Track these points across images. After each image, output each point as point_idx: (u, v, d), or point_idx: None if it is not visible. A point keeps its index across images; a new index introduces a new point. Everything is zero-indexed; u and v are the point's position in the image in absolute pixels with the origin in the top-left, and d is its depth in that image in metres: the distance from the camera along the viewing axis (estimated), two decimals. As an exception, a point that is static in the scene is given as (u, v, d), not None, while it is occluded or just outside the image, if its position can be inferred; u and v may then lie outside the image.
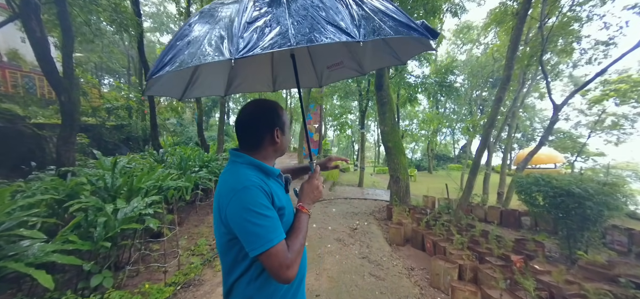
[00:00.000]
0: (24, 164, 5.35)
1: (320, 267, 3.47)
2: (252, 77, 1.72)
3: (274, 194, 0.90)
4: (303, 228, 0.94)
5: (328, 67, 1.67)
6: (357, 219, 5.62)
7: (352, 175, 17.71)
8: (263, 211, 0.83)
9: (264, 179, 0.92)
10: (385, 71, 6.30)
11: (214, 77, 1.56)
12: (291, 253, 0.84)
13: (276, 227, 0.84)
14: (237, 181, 0.87)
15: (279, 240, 0.82)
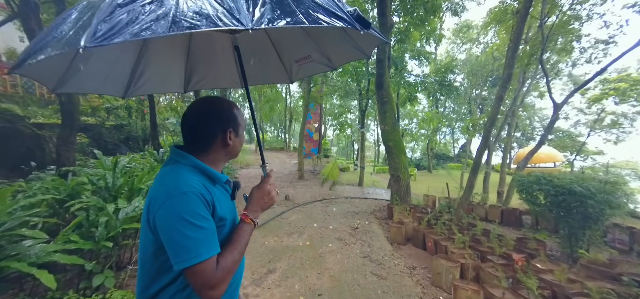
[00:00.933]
0: (23, 164, 5.34)
1: (322, 266, 3.47)
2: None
3: (216, 203, 0.83)
4: (242, 240, 0.85)
5: (296, 61, 1.61)
6: (358, 218, 5.62)
7: (352, 174, 17.71)
8: (198, 221, 0.75)
9: (208, 185, 0.84)
10: (386, 70, 6.30)
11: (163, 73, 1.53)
12: (220, 270, 0.75)
13: (208, 241, 0.75)
14: (175, 184, 0.77)
15: (209, 256, 0.74)
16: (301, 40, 1.48)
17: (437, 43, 13.31)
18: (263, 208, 0.97)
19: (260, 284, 3.02)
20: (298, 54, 1.58)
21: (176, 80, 1.58)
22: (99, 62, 1.21)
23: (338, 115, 16.41)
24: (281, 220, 5.30)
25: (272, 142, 28.26)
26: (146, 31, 0.61)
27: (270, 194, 0.99)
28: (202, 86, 1.72)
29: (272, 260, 3.60)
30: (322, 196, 7.72)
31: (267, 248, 3.98)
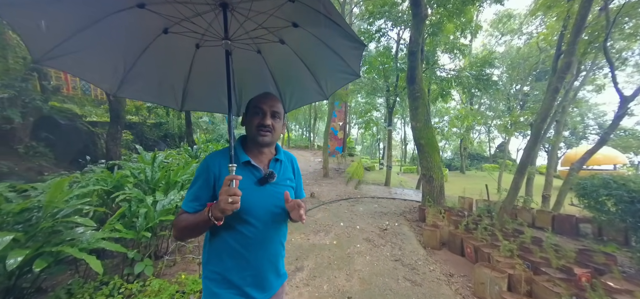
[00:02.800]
0: (80, 158, 5.93)
1: (351, 267, 3.34)
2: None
3: (222, 175, 1.03)
4: (195, 218, 0.98)
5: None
6: (387, 219, 5.40)
7: (377, 174, 17.27)
8: (194, 181, 1.05)
9: (224, 160, 1.05)
10: (418, 63, 5.95)
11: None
12: (176, 220, 1.03)
13: (190, 198, 1.03)
14: None
15: (184, 208, 1.03)
16: (324, 52, 1.42)
17: (474, 35, 12.36)
18: (219, 209, 0.90)
19: (289, 282, 2.98)
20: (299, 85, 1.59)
21: (223, 101, 1.56)
22: (150, 67, 1.26)
23: (363, 113, 16.05)
24: (307, 217, 5.27)
25: (297, 140, 28.62)
26: None
27: (220, 197, 0.90)
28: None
29: (299, 258, 3.56)
30: (347, 194, 7.57)
31: (294, 245, 3.95)
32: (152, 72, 1.33)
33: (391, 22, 11.11)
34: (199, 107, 1.71)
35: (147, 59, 1.25)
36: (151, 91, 1.42)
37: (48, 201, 2.27)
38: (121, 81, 1.25)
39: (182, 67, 1.39)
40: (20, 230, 2.04)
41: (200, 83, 1.48)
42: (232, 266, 1.04)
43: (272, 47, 1.41)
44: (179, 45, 1.28)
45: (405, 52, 9.93)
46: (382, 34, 11.49)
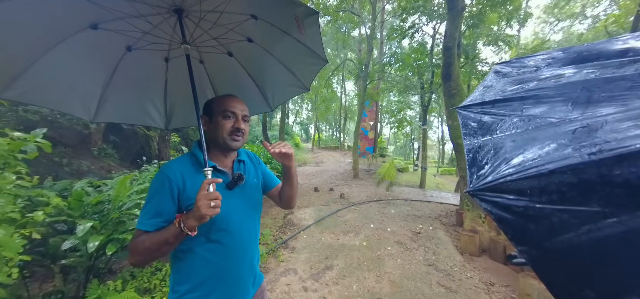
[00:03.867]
0: (138, 158, 6.78)
1: (381, 269, 3.32)
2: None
3: (187, 185, 0.94)
4: (160, 235, 0.87)
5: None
6: (420, 222, 5.20)
7: (411, 175, 16.59)
8: (151, 196, 0.94)
9: (185, 169, 0.97)
10: (455, 59, 5.62)
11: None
12: (137, 243, 0.88)
13: (148, 215, 0.91)
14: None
15: (141, 227, 0.90)
16: (274, 67, 1.40)
17: (522, 24, 11.20)
18: (195, 217, 0.84)
19: (318, 279, 3.07)
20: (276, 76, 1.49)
21: (154, 114, 1.47)
22: (61, 65, 1.06)
23: (396, 112, 15.57)
24: (337, 218, 5.32)
25: (327, 141, 28.82)
26: None
27: (198, 203, 0.83)
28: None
29: (329, 257, 3.63)
30: (378, 196, 7.44)
31: (324, 244, 4.04)
32: (62, 73, 1.10)
33: (426, 17, 10.62)
34: (119, 119, 1.52)
35: (60, 57, 1.04)
36: (56, 95, 1.17)
37: (115, 196, 2.67)
38: (13, 79, 1.00)
39: (103, 71, 1.21)
40: (96, 219, 2.44)
41: (123, 92, 1.31)
42: (208, 281, 0.98)
43: (218, 58, 1.36)
44: (105, 46, 1.13)
45: (441, 48, 9.44)
46: (415, 30, 11.05)
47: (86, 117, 1.26)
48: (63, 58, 1.03)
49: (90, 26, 1.00)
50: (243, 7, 1.09)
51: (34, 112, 4.71)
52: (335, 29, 14.90)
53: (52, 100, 1.16)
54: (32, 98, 1.10)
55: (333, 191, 7.82)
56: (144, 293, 2.53)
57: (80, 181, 3.05)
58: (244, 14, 1.11)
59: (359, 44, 19.44)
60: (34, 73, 1.00)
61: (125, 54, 1.17)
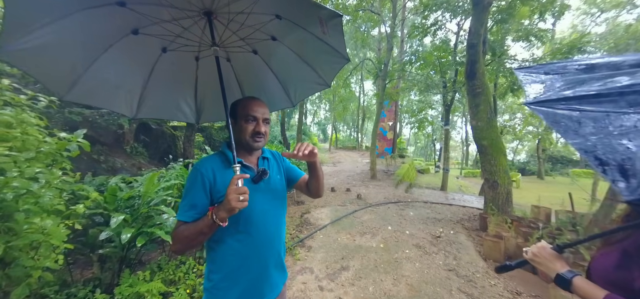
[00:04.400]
0: (165, 157, 7.20)
1: (398, 272, 3.26)
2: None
3: (218, 180, 1.03)
4: (196, 226, 0.97)
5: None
6: (441, 226, 5.02)
7: (432, 177, 16.06)
8: (187, 190, 1.03)
9: (216, 165, 1.07)
10: (480, 56, 5.36)
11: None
12: (174, 232, 1.00)
13: (185, 208, 1.01)
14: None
15: (181, 219, 1.00)
16: (297, 64, 1.45)
17: (558, 17, 10.36)
18: (226, 210, 0.91)
19: (334, 279, 3.09)
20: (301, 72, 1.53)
21: (186, 110, 1.57)
22: (109, 68, 1.18)
23: (416, 112, 15.13)
24: (353, 218, 5.29)
25: (345, 141, 28.66)
26: None
27: (228, 196, 0.91)
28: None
29: (345, 257, 3.62)
30: (396, 198, 7.29)
31: (340, 245, 4.04)
32: (109, 75, 1.23)
33: (449, 13, 10.22)
34: (156, 115, 1.62)
35: (108, 61, 1.18)
36: (105, 95, 1.32)
37: (144, 192, 2.87)
38: (73, 83, 1.14)
39: (143, 71, 1.33)
40: (127, 213, 2.64)
41: (160, 90, 1.43)
42: (239, 269, 1.06)
43: (244, 56, 1.42)
44: (144, 49, 1.24)
45: (465, 45, 9.04)
46: (438, 28, 10.67)
47: (129, 113, 1.39)
48: (110, 62, 1.16)
49: (132, 32, 1.12)
50: (269, 8, 1.15)
51: (77, 114, 5.17)
52: (354, 29, 14.79)
53: (102, 99, 1.32)
54: (87, 98, 1.25)
55: (350, 191, 7.78)
56: (170, 284, 2.69)
57: (115, 177, 3.31)
58: (270, 15, 1.17)
59: (379, 43, 19.13)
60: (88, 77, 1.14)
61: (161, 55, 1.28)
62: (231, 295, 1.05)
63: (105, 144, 5.75)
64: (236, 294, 1.05)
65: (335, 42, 1.23)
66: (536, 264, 0.93)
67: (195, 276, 2.83)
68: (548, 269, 0.90)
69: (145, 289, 2.31)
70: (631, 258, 0.75)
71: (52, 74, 1.09)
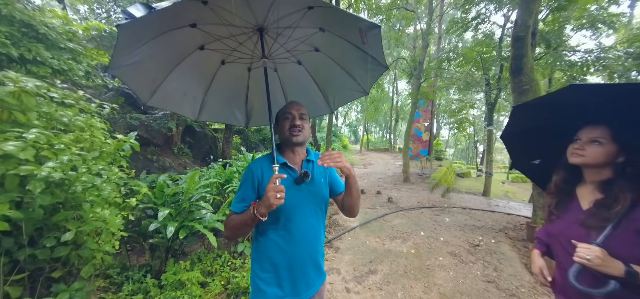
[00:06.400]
0: (206, 157, 7.83)
1: (429, 280, 3.09)
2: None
3: (265, 178, 1.13)
4: (241, 217, 1.08)
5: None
6: (480, 234, 4.63)
7: (473, 181, 14.86)
8: (240, 185, 1.17)
9: (265, 165, 1.17)
10: (527, 50, 4.83)
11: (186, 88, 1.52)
12: (227, 220, 1.14)
13: (237, 200, 1.15)
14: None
15: (233, 209, 1.14)
16: (337, 73, 1.52)
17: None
18: (264, 205, 0.99)
19: (361, 282, 3.05)
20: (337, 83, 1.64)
21: (237, 115, 1.75)
22: (180, 79, 1.38)
23: (456, 111, 14.12)
24: (383, 222, 5.15)
25: (377, 143, 27.94)
26: None
27: (267, 193, 0.98)
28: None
29: (373, 261, 3.55)
30: (431, 202, 6.89)
31: (369, 248, 3.96)
32: (180, 84, 1.44)
33: (494, 5, 9.39)
34: (214, 118, 1.83)
35: (180, 72, 1.39)
36: (175, 100, 1.52)
37: (187, 189, 3.16)
38: (154, 91, 1.36)
39: (205, 80, 1.52)
40: (172, 207, 2.94)
41: (217, 96, 1.61)
42: (279, 263, 1.14)
43: (289, 66, 1.56)
44: (207, 61, 1.42)
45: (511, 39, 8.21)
46: (481, 21, 9.87)
47: (192, 116, 1.60)
48: (181, 73, 1.38)
49: (199, 48, 1.32)
50: (313, 22, 1.26)
51: (135, 119, 5.91)
52: (387, 28, 14.41)
53: (173, 104, 1.53)
54: (162, 103, 1.46)
55: (380, 194, 7.58)
56: (207, 275, 2.92)
57: (163, 175, 3.71)
58: (314, 28, 1.29)
59: (414, 41, 18.33)
60: (165, 86, 1.36)
61: (220, 66, 1.47)
62: (270, 285, 1.14)
63: (157, 145, 6.45)
64: (274, 284, 1.14)
65: (375, 51, 1.28)
66: (601, 268, 0.88)
67: (229, 269, 3.03)
68: (613, 269, 0.87)
69: (186, 277, 2.55)
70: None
71: (140, 83, 1.31)
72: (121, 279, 2.64)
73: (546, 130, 1.24)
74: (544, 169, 1.28)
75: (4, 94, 1.25)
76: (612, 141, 0.97)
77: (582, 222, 1.00)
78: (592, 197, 1.02)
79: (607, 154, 0.98)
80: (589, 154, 1.00)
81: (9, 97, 1.28)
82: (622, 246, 0.89)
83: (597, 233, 0.93)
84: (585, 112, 1.04)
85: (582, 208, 1.05)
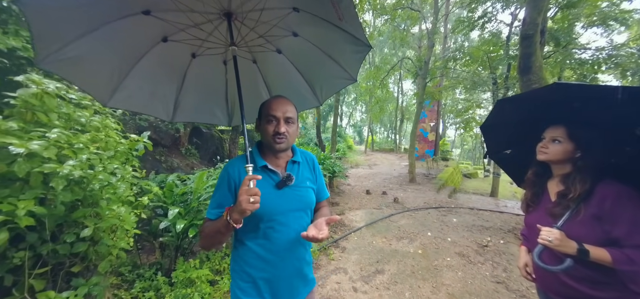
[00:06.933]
0: (213, 158, 7.93)
1: (437, 280, 3.08)
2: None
3: (242, 179, 0.98)
4: (214, 224, 0.99)
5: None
6: (489, 234, 4.58)
7: (480, 182, 14.68)
8: (216, 189, 1.07)
9: (243, 165, 1.01)
10: (537, 48, 4.77)
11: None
12: (203, 229, 1.04)
13: (212, 206, 1.04)
14: None
15: (208, 216, 1.04)
16: (321, 59, 1.43)
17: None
18: (237, 211, 0.88)
19: (368, 282, 3.05)
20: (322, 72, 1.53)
21: (218, 113, 1.61)
22: (145, 76, 1.24)
23: (462, 111, 13.98)
24: (389, 222, 5.14)
25: (381, 143, 27.81)
26: None
27: (239, 198, 0.87)
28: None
29: (380, 261, 3.55)
30: (438, 203, 6.84)
31: (375, 248, 3.96)
32: (145, 82, 1.29)
33: (501, 3, 9.30)
34: (191, 118, 1.66)
35: (143, 68, 1.23)
36: (143, 100, 1.37)
37: (195, 188, 3.22)
38: (113, 91, 1.22)
39: (176, 77, 1.38)
40: (181, 206, 2.99)
41: (193, 94, 1.47)
42: (259, 274, 1.03)
43: (269, 56, 1.42)
44: (175, 55, 1.29)
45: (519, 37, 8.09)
46: (487, 20, 9.77)
47: (166, 117, 1.46)
48: (146, 70, 1.23)
49: (162, 40, 1.20)
50: (285, 1, 1.15)
51: (144, 120, 6.03)
52: (392, 28, 14.36)
53: (141, 105, 1.39)
54: (127, 104, 1.33)
55: (386, 194, 7.56)
56: (216, 273, 2.97)
57: (172, 175, 3.78)
58: (286, 8, 1.17)
59: (419, 41, 18.23)
60: (127, 85, 1.22)
61: (192, 60, 1.34)
62: (250, 296, 1.04)
63: (165, 146, 6.57)
64: (255, 296, 1.04)
65: (354, 29, 1.19)
66: (559, 248, 1.00)
67: (237, 267, 3.07)
68: (569, 248, 0.99)
69: (195, 275, 2.60)
70: (600, 218, 0.99)
71: (93, 82, 1.17)
72: (133, 277, 2.70)
73: (520, 126, 1.35)
74: (518, 165, 1.43)
75: (28, 96, 1.31)
76: (569, 139, 1.09)
77: (549, 211, 1.12)
78: (557, 189, 1.14)
79: (565, 151, 1.09)
80: (551, 152, 1.12)
81: (33, 99, 1.34)
82: (579, 229, 1.01)
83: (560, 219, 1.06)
84: (550, 111, 1.16)
85: (550, 199, 1.17)
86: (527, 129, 1.26)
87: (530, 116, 1.25)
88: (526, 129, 1.28)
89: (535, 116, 1.22)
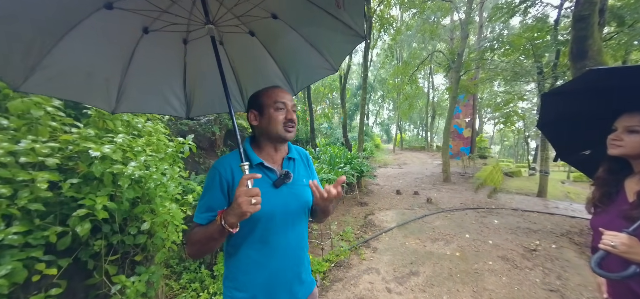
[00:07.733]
0: (245, 159, 8.34)
1: (479, 284, 2.90)
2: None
3: (236, 180, 0.91)
4: (206, 230, 0.88)
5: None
6: (537, 238, 4.18)
7: (525, 181, 13.45)
8: (204, 191, 0.95)
9: (236, 163, 0.93)
10: (594, 30, 4.23)
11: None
12: (191, 235, 0.91)
13: (201, 209, 0.93)
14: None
15: (196, 221, 0.92)
16: (300, 47, 1.26)
17: None
18: (235, 214, 0.79)
19: (402, 283, 2.98)
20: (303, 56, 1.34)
21: (174, 103, 1.35)
22: (79, 51, 0.96)
23: (501, 105, 12.91)
24: (423, 223, 4.94)
25: (411, 141, 26.77)
26: None
27: (238, 199, 0.78)
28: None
29: (414, 262, 3.44)
30: (476, 203, 6.41)
31: (408, 249, 3.84)
32: (80, 60, 1.01)
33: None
34: (140, 109, 1.37)
35: (76, 42, 0.94)
36: (75, 84, 1.07)
37: (233, 187, 3.41)
38: (32, 69, 0.91)
39: (122, 55, 1.08)
40: (221, 204, 3.19)
41: (142, 78, 1.19)
42: (256, 282, 0.95)
43: (239, 38, 1.21)
44: (121, 28, 1.02)
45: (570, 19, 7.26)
46: (531, 4, 8.91)
47: (107, 108, 1.17)
48: (79, 44, 0.94)
49: (105, 6, 0.90)
50: (268, 4, 0.98)
51: (184, 124, 6.54)
52: (421, 21, 13.76)
53: (71, 91, 1.08)
54: (50, 89, 1.01)
55: (418, 194, 7.27)
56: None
57: (211, 175, 4.05)
58: None
59: (451, 32, 17.26)
60: (50, 62, 0.92)
61: (142, 37, 1.06)
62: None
63: (203, 148, 7.05)
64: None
65: (351, 19, 1.05)
66: (628, 256, 0.83)
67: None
68: (638, 255, 0.83)
69: (235, 268, 2.76)
70: None
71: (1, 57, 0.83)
72: (180, 268, 2.95)
73: (578, 119, 1.17)
74: (594, 160, 1.18)
75: (99, 106, 1.51)
76: None
77: (624, 213, 0.93)
78: (638, 187, 0.94)
79: None
80: (628, 144, 0.94)
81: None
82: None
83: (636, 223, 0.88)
84: (613, 99, 0.98)
85: (627, 200, 0.97)
86: (587, 122, 1.12)
87: (586, 107, 1.09)
88: (586, 122, 1.13)
89: (592, 106, 1.07)
